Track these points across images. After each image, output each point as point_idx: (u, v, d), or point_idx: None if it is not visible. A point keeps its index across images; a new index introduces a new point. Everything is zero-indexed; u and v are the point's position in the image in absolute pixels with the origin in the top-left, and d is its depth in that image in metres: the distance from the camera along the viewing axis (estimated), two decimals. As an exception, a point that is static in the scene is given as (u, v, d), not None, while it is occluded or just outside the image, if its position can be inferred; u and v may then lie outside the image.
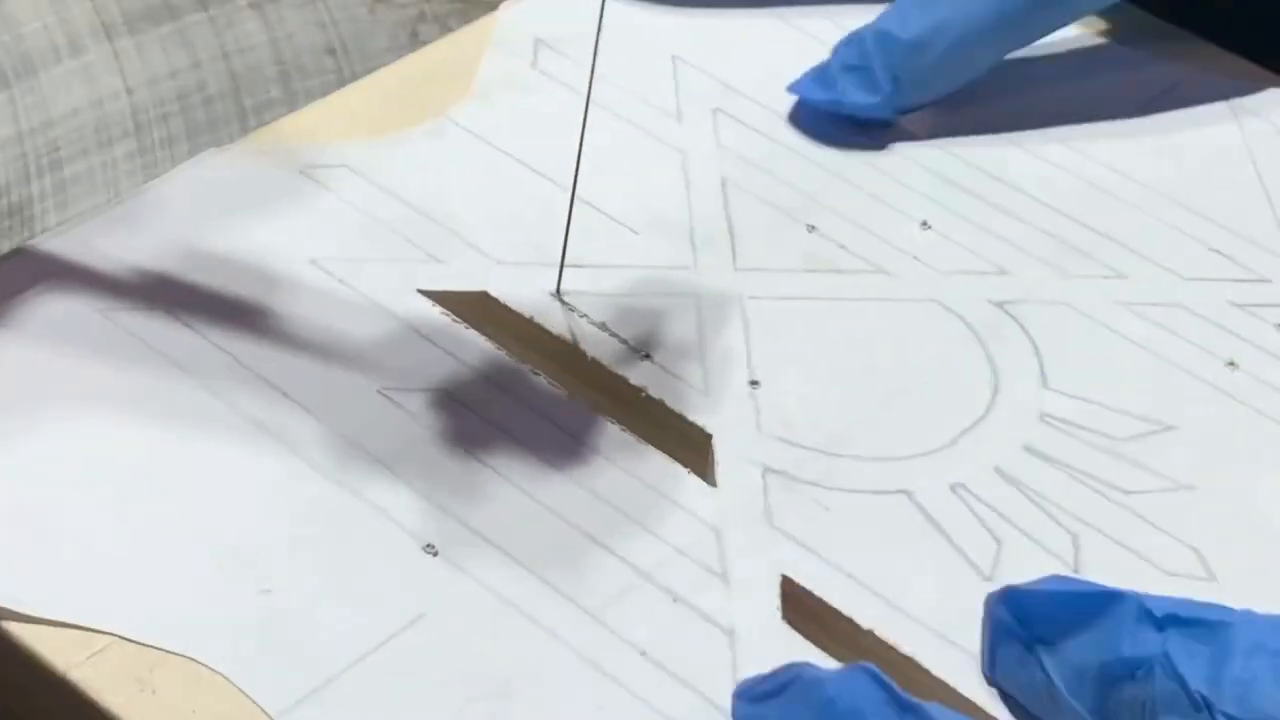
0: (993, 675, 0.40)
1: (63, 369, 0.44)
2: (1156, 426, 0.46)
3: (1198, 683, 0.36)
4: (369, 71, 0.54)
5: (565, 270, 0.48)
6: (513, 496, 0.43)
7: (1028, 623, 0.39)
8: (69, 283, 0.46)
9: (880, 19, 0.52)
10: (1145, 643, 0.37)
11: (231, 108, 0.53)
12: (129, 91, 0.50)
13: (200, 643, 0.39)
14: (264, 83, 0.54)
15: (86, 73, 0.51)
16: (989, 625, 0.40)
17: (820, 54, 0.54)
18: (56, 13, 0.53)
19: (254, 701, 0.38)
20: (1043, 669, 0.38)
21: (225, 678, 0.39)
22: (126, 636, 0.39)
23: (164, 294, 0.46)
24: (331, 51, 0.55)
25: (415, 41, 0.57)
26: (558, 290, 0.48)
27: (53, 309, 0.46)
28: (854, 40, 0.52)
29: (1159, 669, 0.37)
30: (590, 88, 0.46)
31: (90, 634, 0.39)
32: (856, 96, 0.52)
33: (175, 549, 0.41)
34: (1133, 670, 0.37)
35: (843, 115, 0.52)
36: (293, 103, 0.55)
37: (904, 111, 0.52)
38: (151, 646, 0.39)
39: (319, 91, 0.55)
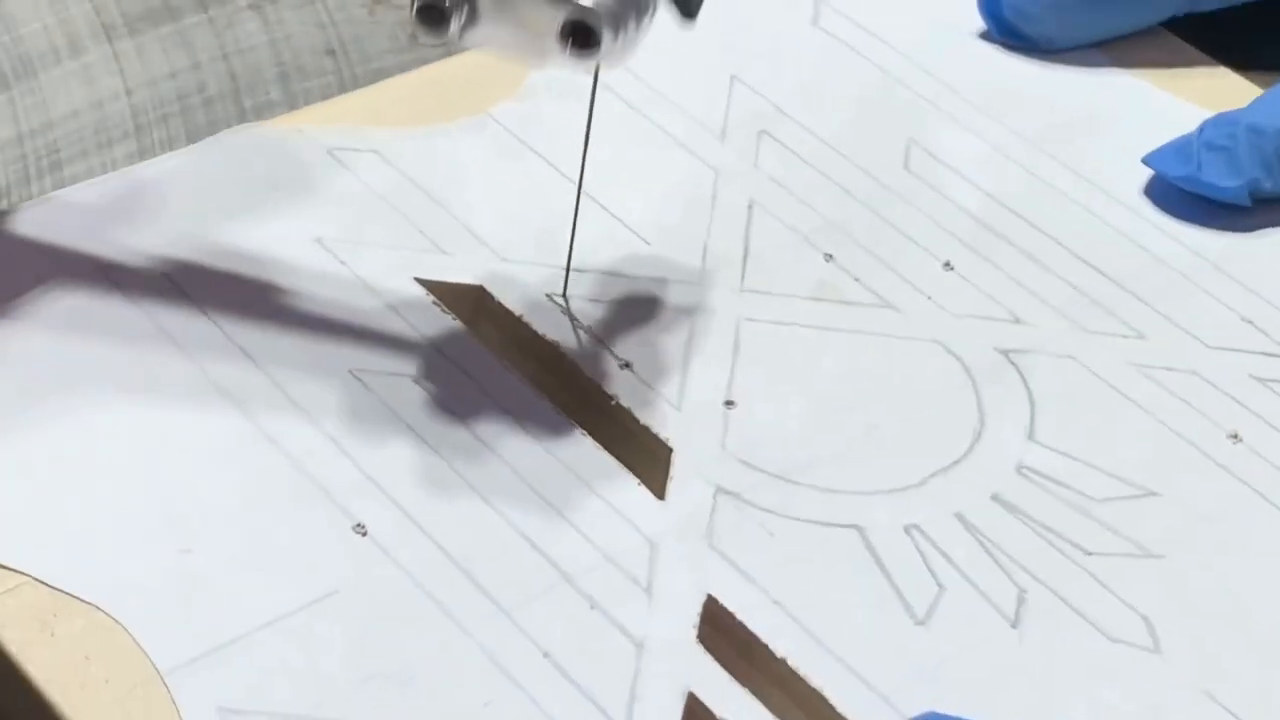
0: None
1: (49, 327, 0.45)
2: (1138, 491, 0.44)
3: None
4: (369, 73, 0.54)
5: (570, 274, 0.48)
6: (456, 488, 0.43)
7: None
8: (69, 243, 0.47)
9: (1253, 110, 0.51)
10: None
11: (231, 109, 0.54)
12: (129, 93, 0.51)
13: (109, 593, 0.40)
14: (264, 84, 0.54)
15: (86, 74, 0.52)
16: None
17: (892, 88, 0.54)
18: (56, 14, 0.54)
19: (146, 655, 0.39)
20: None
21: (125, 629, 0.39)
22: (40, 579, 0.40)
23: (167, 261, 0.47)
24: (331, 52, 0.55)
25: (415, 43, 0.57)
26: (563, 293, 0.48)
27: (45, 268, 0.47)
28: (1223, 122, 0.51)
29: None
30: (594, 89, 0.46)
31: (5, 572, 0.40)
32: (1217, 178, 0.51)
33: (108, 501, 0.42)
34: None
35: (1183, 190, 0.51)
36: (292, 103, 0.55)
37: (1260, 199, 0.51)
38: (63, 591, 0.40)
39: (318, 93, 0.55)
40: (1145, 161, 0.51)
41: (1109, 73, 0.56)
